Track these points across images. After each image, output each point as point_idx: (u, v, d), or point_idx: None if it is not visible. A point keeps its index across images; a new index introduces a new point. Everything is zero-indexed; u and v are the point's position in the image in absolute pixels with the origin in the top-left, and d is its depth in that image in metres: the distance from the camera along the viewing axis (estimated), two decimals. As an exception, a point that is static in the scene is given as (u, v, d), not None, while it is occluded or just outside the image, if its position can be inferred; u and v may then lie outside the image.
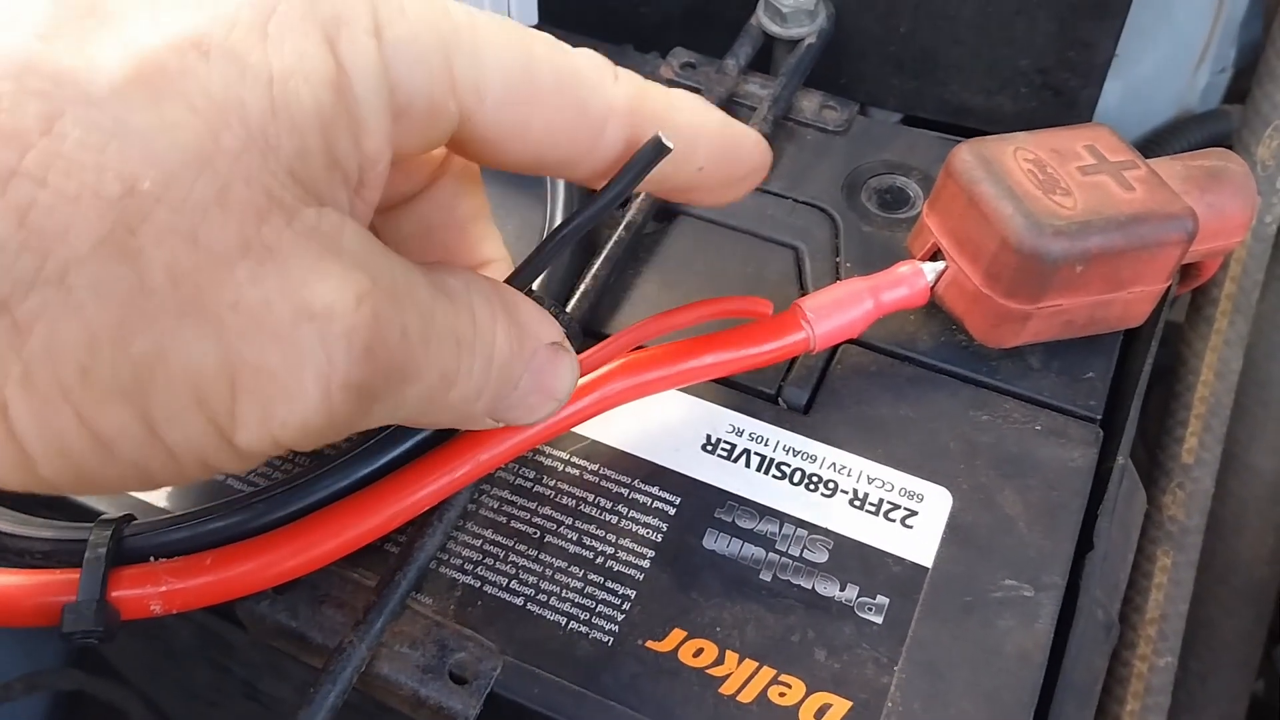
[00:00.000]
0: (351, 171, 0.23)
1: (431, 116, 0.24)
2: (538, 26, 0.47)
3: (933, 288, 0.36)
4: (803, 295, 0.36)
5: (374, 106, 0.22)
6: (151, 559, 0.29)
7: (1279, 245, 0.47)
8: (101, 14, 0.21)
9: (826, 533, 0.33)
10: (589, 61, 0.27)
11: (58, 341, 0.20)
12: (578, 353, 0.29)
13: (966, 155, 0.35)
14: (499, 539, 0.32)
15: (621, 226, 0.38)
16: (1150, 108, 0.60)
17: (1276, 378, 0.49)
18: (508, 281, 0.28)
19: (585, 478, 0.34)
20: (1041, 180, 0.34)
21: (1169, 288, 0.36)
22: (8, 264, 0.19)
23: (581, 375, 0.30)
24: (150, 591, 0.29)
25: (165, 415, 0.21)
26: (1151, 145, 0.58)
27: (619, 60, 0.45)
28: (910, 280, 0.35)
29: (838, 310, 0.34)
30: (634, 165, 0.27)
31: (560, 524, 0.33)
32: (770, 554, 0.32)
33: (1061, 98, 0.46)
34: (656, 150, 0.27)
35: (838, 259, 0.39)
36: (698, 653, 0.30)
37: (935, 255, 0.36)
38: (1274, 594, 0.50)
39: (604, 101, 0.26)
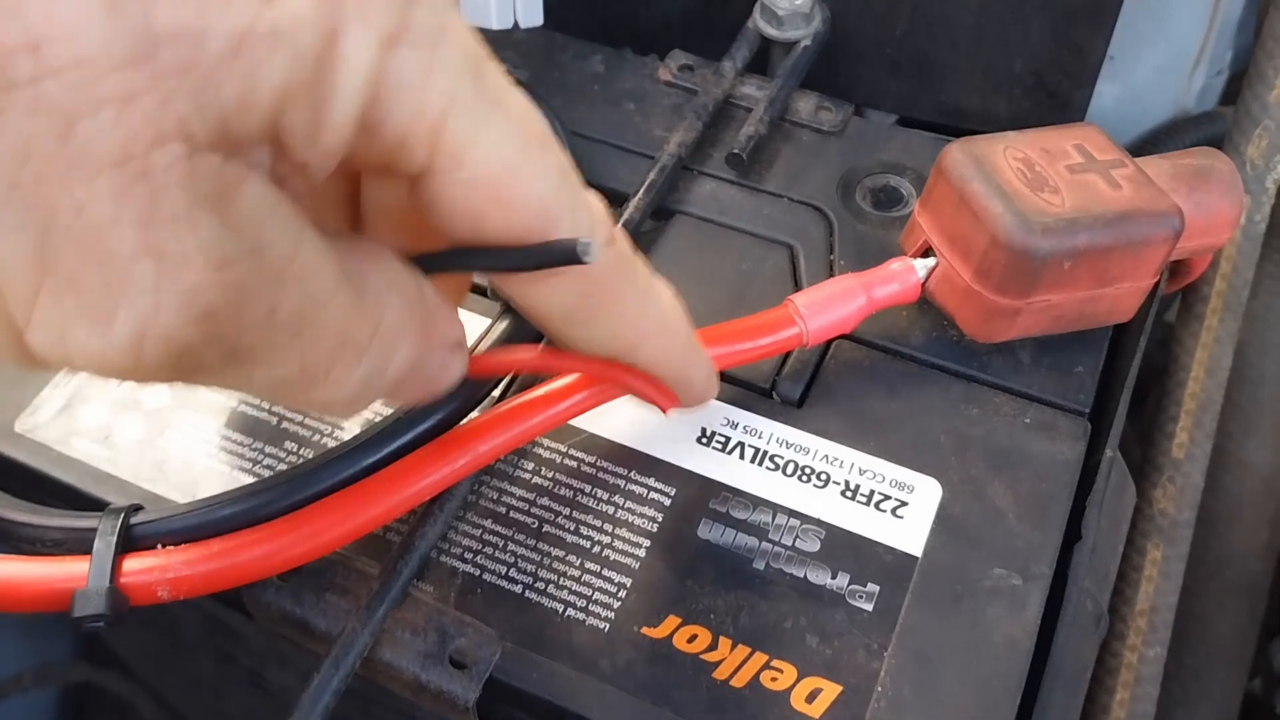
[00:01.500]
0: (295, 149, 0.21)
1: (398, 150, 0.22)
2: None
3: (924, 284, 0.36)
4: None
5: (345, 106, 0.21)
6: (159, 546, 0.30)
7: (1269, 243, 0.48)
8: None
9: (818, 523, 0.33)
10: (597, 201, 0.26)
11: None
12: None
13: (957, 154, 0.36)
14: (498, 529, 0.33)
15: (619, 225, 0.39)
16: (1147, 110, 0.60)
17: (1269, 374, 0.50)
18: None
19: (583, 469, 0.34)
20: (1030, 178, 0.35)
21: (1157, 284, 0.37)
22: None
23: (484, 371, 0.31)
24: (158, 578, 0.30)
25: None
26: (1147, 147, 0.59)
27: (618, 64, 0.46)
28: (902, 276, 0.36)
29: (831, 306, 0.35)
30: (548, 251, 0.24)
31: (558, 514, 0.33)
32: (763, 543, 0.33)
33: (1055, 99, 0.47)
34: (567, 255, 0.24)
35: (832, 257, 0.40)
36: (692, 639, 0.31)
37: (927, 252, 0.37)
38: (1268, 589, 0.51)
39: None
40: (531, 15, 0.41)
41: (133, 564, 0.30)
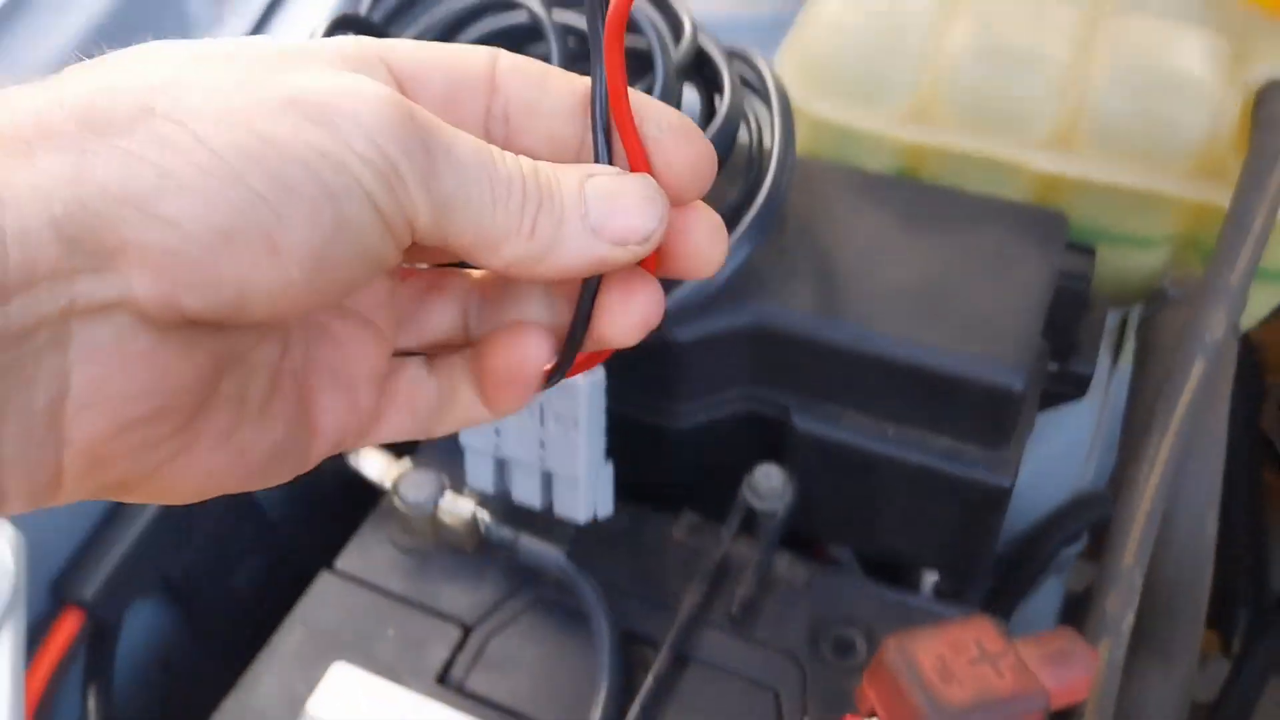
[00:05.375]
0: None
1: None
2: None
3: (872, 745, 0.51)
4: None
5: None
6: None
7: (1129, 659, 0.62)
8: None
9: None
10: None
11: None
12: None
13: (894, 652, 0.51)
14: None
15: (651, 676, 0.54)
16: (1053, 487, 0.77)
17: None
18: None
19: None
20: (942, 672, 0.50)
21: (1036, 735, 0.52)
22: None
23: None
24: None
25: (298, 135, 0.24)
26: (1045, 533, 0.75)
27: (641, 525, 0.61)
28: (855, 736, 0.51)
29: (804, 762, 0.50)
30: None
31: None
32: None
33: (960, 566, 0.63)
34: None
35: (805, 697, 0.55)
36: None
37: (874, 713, 0.52)
38: None
39: None
40: (605, 507, 0.57)
41: None
